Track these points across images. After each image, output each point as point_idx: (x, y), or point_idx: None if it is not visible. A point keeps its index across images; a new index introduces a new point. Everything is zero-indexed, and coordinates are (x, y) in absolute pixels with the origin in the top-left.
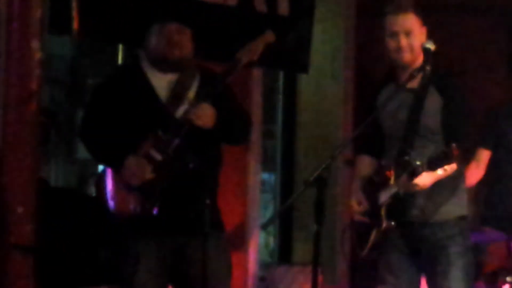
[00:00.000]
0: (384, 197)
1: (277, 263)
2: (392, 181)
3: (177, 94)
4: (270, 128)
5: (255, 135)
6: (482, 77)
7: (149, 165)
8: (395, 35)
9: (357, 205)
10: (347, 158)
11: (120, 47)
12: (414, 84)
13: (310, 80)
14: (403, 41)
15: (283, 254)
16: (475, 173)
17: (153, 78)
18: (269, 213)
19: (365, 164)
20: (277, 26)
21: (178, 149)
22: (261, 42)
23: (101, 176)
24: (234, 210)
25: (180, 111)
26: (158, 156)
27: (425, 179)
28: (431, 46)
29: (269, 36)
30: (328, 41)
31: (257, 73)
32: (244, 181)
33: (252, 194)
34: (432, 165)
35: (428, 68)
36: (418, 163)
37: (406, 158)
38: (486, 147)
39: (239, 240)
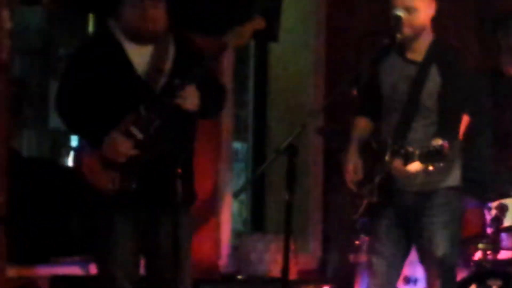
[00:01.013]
0: (378, 171)
1: (250, 232)
2: (387, 157)
3: (155, 67)
4: (241, 98)
5: (227, 104)
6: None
7: (130, 142)
8: (395, 8)
9: (353, 172)
10: (318, 126)
11: (91, 16)
12: (417, 56)
13: (281, 48)
14: (403, 14)
15: (256, 223)
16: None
17: (129, 49)
18: (241, 182)
19: (363, 126)
20: None
21: (158, 128)
22: (250, 27)
23: (78, 151)
24: (207, 180)
25: (159, 85)
26: (139, 134)
27: (416, 167)
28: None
29: (259, 22)
30: (299, 8)
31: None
32: (216, 151)
33: (225, 163)
34: (423, 160)
35: (398, 36)
36: (412, 150)
37: (403, 142)
38: (465, 112)
39: (212, 209)
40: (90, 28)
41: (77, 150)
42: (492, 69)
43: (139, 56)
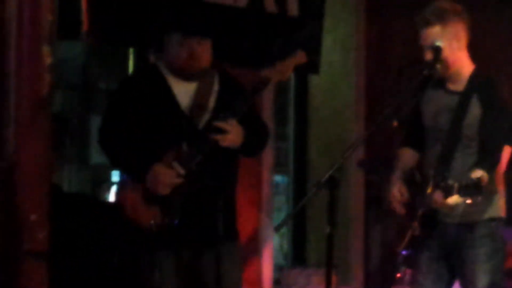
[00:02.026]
0: (420, 204)
1: (291, 266)
2: (429, 190)
3: (198, 103)
4: (282, 130)
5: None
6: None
7: (173, 172)
8: (423, 48)
9: (398, 194)
10: (359, 159)
11: (131, 51)
12: (458, 87)
13: (322, 80)
14: (428, 55)
15: (297, 256)
16: (500, 172)
17: (174, 85)
18: (282, 215)
19: (407, 157)
20: (287, 27)
21: (200, 164)
22: (292, 62)
23: (121, 187)
24: (248, 214)
25: (202, 121)
26: (180, 170)
27: (456, 200)
28: (440, 44)
29: (301, 57)
30: (339, 40)
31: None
32: (257, 184)
33: (266, 197)
34: (461, 193)
35: (438, 66)
36: (451, 183)
37: (445, 174)
38: (508, 143)
39: (254, 243)
40: (130, 62)
41: (119, 185)
42: None
43: (184, 92)
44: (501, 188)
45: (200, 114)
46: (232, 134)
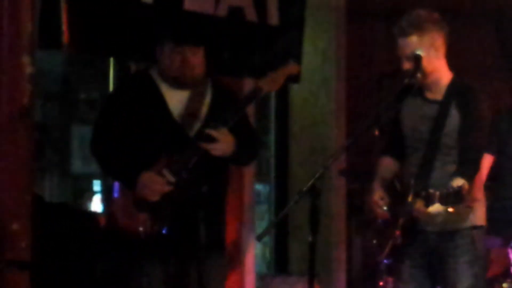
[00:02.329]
0: (401, 213)
1: (273, 274)
2: (410, 198)
3: (190, 111)
4: (263, 139)
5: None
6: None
7: (163, 180)
8: (400, 58)
9: (379, 199)
10: (341, 168)
11: (112, 60)
12: (437, 96)
13: (302, 89)
14: (406, 64)
15: (280, 265)
16: (480, 180)
17: (166, 93)
18: (264, 224)
19: (387, 166)
20: (267, 36)
21: (191, 172)
22: (284, 73)
23: (109, 195)
24: (230, 222)
25: (194, 130)
26: (171, 178)
27: (437, 209)
28: (421, 53)
29: (292, 68)
30: (319, 50)
31: (248, 84)
32: (239, 193)
33: (248, 206)
34: (443, 202)
35: (419, 75)
36: (432, 192)
37: (426, 182)
38: (488, 152)
39: (236, 252)
40: (111, 72)
41: (106, 193)
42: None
43: (176, 100)
44: (481, 197)
45: (191, 122)
46: (223, 143)
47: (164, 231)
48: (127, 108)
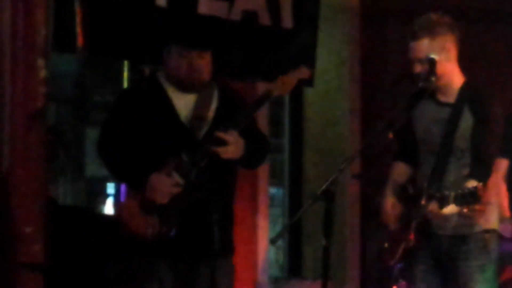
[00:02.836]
0: (414, 216)
1: (287, 278)
2: (423, 201)
3: (198, 114)
4: (277, 142)
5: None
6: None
7: (172, 181)
8: (412, 61)
9: (391, 209)
10: (355, 172)
11: (125, 63)
12: (449, 99)
13: (316, 92)
14: (417, 68)
15: (293, 268)
16: (493, 184)
17: (173, 96)
18: (278, 227)
19: (400, 171)
20: (281, 39)
21: (199, 175)
22: (294, 77)
23: (118, 197)
24: (244, 226)
25: (202, 133)
26: (180, 180)
27: (452, 210)
28: (435, 56)
29: (303, 72)
30: (333, 53)
31: (262, 87)
32: (253, 196)
33: (262, 209)
34: (458, 202)
35: (433, 79)
36: (447, 193)
37: (439, 185)
38: (503, 156)
39: (250, 255)
40: (125, 75)
41: (117, 196)
42: None
43: (183, 103)
44: (494, 201)
45: (199, 125)
46: (232, 146)
47: (172, 234)
48: (135, 111)
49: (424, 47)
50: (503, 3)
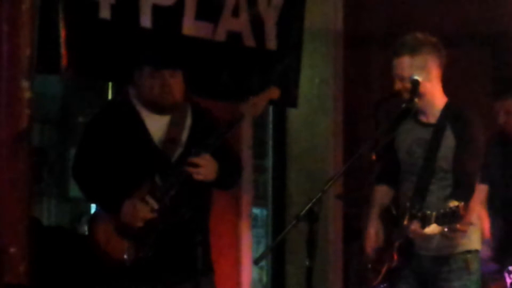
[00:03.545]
0: (397, 236)
1: None
2: (406, 221)
3: (171, 137)
4: (260, 163)
5: (246, 170)
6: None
7: (147, 207)
8: (394, 78)
9: (374, 237)
10: (338, 192)
11: (110, 84)
12: (431, 119)
13: (299, 114)
14: (398, 85)
15: None
16: (474, 205)
17: (146, 119)
18: (261, 248)
19: (383, 194)
20: (265, 61)
21: (174, 198)
22: (265, 98)
23: (93, 221)
24: (227, 246)
25: (175, 155)
26: (154, 204)
27: (434, 230)
28: (418, 78)
29: (273, 92)
30: (316, 74)
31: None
32: (236, 217)
33: (245, 230)
34: (440, 222)
35: (416, 100)
36: (429, 213)
37: (421, 205)
38: (483, 182)
39: (233, 276)
40: (109, 96)
41: (92, 219)
42: (499, 133)
43: (156, 125)
44: (475, 222)
45: (172, 148)
46: (205, 168)
47: (149, 255)
48: (108, 134)
49: (405, 64)
50: (480, 26)
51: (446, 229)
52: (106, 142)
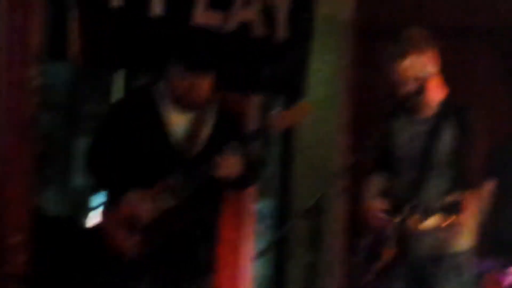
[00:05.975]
0: (393, 230)
1: None
2: (405, 214)
3: (191, 134)
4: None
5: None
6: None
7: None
8: (400, 81)
9: (379, 203)
10: (344, 186)
11: (117, 74)
12: (428, 113)
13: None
14: (406, 87)
15: (279, 283)
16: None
17: (168, 115)
18: (265, 241)
19: (379, 186)
20: (275, 51)
21: (188, 196)
22: (296, 113)
23: (104, 211)
24: (230, 240)
25: (194, 152)
26: (168, 200)
27: (433, 223)
28: (424, 75)
29: (306, 108)
30: (325, 67)
31: (254, 99)
32: (238, 211)
33: (248, 224)
34: (440, 213)
35: (421, 96)
36: (428, 206)
37: (420, 198)
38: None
39: (235, 269)
40: (116, 85)
41: (103, 209)
42: None
43: (178, 122)
44: (469, 222)
45: (192, 145)
46: (227, 169)
47: (156, 252)
48: (126, 126)
49: (409, 66)
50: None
51: (445, 223)
52: (124, 134)
